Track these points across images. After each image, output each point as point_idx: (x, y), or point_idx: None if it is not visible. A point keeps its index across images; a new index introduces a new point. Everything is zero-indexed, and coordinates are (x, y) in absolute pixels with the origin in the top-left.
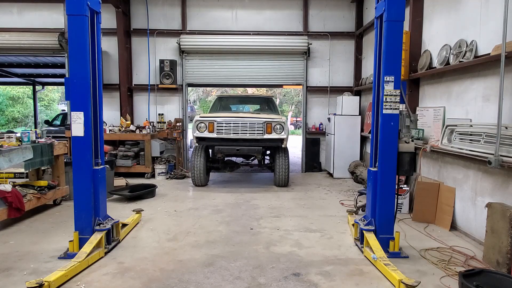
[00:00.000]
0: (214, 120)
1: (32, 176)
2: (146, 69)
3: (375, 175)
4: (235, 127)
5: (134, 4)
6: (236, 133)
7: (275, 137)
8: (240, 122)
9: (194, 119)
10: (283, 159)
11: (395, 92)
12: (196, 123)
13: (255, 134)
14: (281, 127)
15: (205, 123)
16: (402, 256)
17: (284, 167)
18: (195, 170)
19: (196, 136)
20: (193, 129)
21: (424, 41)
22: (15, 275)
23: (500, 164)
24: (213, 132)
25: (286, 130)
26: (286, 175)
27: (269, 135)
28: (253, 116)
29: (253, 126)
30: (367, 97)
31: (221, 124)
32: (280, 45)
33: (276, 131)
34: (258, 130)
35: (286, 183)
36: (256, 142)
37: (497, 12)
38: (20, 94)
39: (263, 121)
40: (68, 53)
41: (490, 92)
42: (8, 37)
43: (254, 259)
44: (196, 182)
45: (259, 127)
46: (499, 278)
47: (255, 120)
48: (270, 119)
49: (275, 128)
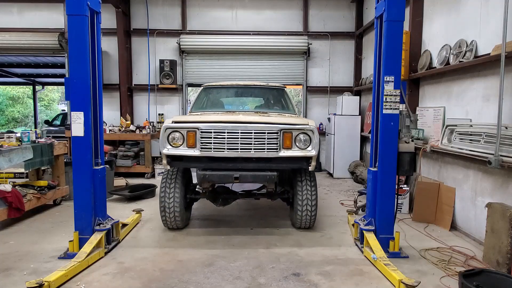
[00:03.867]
0: (196, 126)
1: (32, 176)
2: (146, 69)
3: (375, 175)
4: (232, 138)
5: (134, 4)
6: (233, 148)
7: (298, 154)
8: (240, 130)
9: (163, 125)
10: (309, 188)
11: (395, 92)
12: (167, 133)
13: (265, 150)
14: (306, 138)
15: (182, 132)
16: (402, 256)
17: (311, 202)
18: (166, 210)
19: (167, 154)
20: (162, 142)
21: (424, 41)
22: (15, 275)
23: (500, 164)
24: (194, 147)
25: (315, 143)
26: (313, 214)
27: (287, 151)
28: (262, 121)
29: (262, 137)
30: (367, 97)
31: (208, 134)
32: (280, 45)
33: (300, 144)
34: (271, 144)
35: (312, 224)
36: (266, 163)
37: (497, 12)
38: (20, 94)
39: (279, 127)
40: (68, 53)
41: (490, 92)
42: (8, 37)
43: (254, 259)
44: (169, 224)
45: (271, 139)
46: (499, 278)
47: (265, 127)
48: (289, 125)
49: (298, 139)
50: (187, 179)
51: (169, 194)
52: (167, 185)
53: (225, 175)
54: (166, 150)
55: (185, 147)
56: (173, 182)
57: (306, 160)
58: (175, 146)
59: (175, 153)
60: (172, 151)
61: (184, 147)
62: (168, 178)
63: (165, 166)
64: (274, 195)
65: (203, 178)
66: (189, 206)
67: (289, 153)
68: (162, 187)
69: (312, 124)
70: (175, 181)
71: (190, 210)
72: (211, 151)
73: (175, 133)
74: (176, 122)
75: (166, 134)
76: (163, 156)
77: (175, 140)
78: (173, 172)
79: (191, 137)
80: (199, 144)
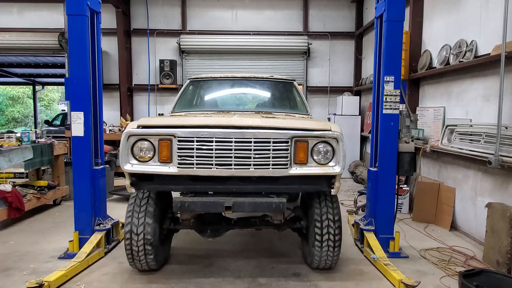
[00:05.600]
0: (172, 133)
1: (32, 176)
2: (146, 69)
3: (375, 175)
4: (223, 149)
5: (134, 4)
6: (224, 163)
7: (316, 171)
8: (235, 138)
9: (125, 131)
10: (330, 217)
11: (395, 92)
12: (131, 142)
13: (270, 166)
14: (328, 148)
15: (153, 140)
16: (402, 256)
17: (333, 237)
18: (134, 249)
19: (131, 172)
20: (123, 154)
21: (424, 41)
22: (15, 275)
23: (500, 164)
24: (169, 161)
25: (340, 156)
26: (336, 252)
27: (301, 167)
28: (265, 125)
29: (266, 147)
30: (367, 97)
31: (189, 143)
32: (280, 45)
33: (318, 157)
34: (278, 157)
35: (334, 264)
36: (271, 184)
37: (497, 12)
38: (20, 94)
39: (290, 134)
40: (68, 53)
41: (490, 92)
42: (8, 37)
43: (255, 260)
44: (138, 265)
45: (279, 150)
46: (499, 278)
47: (270, 133)
48: (304, 130)
49: (316, 151)
50: (164, 203)
51: (138, 228)
52: (134, 215)
53: (213, 202)
54: (129, 166)
55: (156, 162)
56: (143, 211)
57: (327, 180)
58: (143, 160)
59: (143, 170)
60: (138, 167)
61: (155, 162)
62: (135, 205)
63: (129, 189)
64: (282, 226)
65: (181, 206)
66: (168, 239)
67: (303, 171)
68: (128, 217)
69: (336, 130)
70: (145, 209)
71: (169, 243)
72: (193, 168)
73: (143, 142)
74: (143, 126)
75: (129, 144)
76: (125, 175)
77: (143, 152)
78: (143, 197)
79: (164, 148)
80: (177, 158)
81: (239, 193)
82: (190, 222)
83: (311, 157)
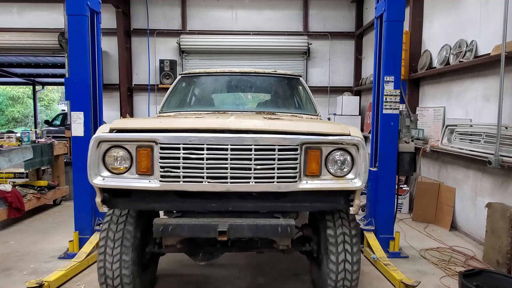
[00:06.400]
0: (152, 138)
1: (32, 176)
2: (146, 69)
3: (375, 175)
4: (217, 159)
5: (134, 4)
6: (218, 176)
7: (332, 186)
8: (231, 144)
9: (94, 136)
10: (348, 240)
11: (395, 92)
12: (102, 149)
13: (275, 179)
14: (346, 157)
15: (129, 147)
16: (402, 256)
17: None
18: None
19: (101, 186)
20: (92, 165)
21: (424, 41)
22: (15, 275)
23: (500, 164)
24: (150, 173)
25: (361, 166)
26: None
27: (314, 180)
28: (269, 128)
29: (269, 156)
30: (367, 97)
31: (175, 151)
32: (280, 45)
33: (334, 168)
34: (285, 169)
35: None
36: (276, 201)
37: (497, 12)
38: (20, 94)
39: (299, 140)
40: (68, 53)
41: (490, 92)
42: (8, 37)
43: (254, 257)
44: None
45: (286, 159)
46: (499, 278)
47: (274, 138)
48: (317, 135)
49: (332, 160)
50: (147, 221)
51: (112, 258)
52: (109, 238)
53: (203, 226)
54: (99, 179)
55: (133, 174)
56: (120, 232)
57: (344, 195)
58: (117, 172)
59: (117, 184)
60: (111, 181)
61: (132, 175)
62: (110, 231)
63: (100, 207)
64: (289, 250)
65: (164, 231)
66: (152, 264)
67: (316, 184)
68: (102, 239)
69: (357, 134)
70: (123, 231)
71: (154, 267)
72: (179, 182)
73: (117, 150)
74: (117, 130)
75: (100, 152)
76: (96, 190)
77: (117, 162)
78: (120, 215)
79: (144, 157)
80: (159, 169)
81: (236, 212)
82: (178, 247)
83: (325, 168)
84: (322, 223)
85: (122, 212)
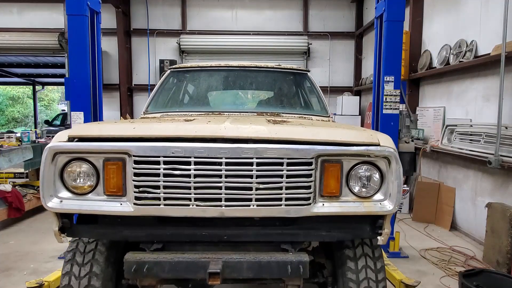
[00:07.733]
0: (123, 149)
1: (32, 176)
2: (146, 69)
3: None
4: (208, 175)
5: (134, 4)
6: (210, 198)
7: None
8: (225, 157)
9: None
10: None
11: (395, 92)
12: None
13: (283, 201)
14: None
15: (93, 160)
16: (402, 256)
17: None
18: None
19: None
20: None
21: (424, 41)
22: (15, 275)
23: (500, 164)
24: (121, 194)
25: (394, 183)
26: None
27: (332, 202)
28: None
29: (275, 172)
30: (367, 97)
31: (152, 164)
32: (280, 45)
33: (357, 186)
34: (295, 188)
35: None
36: (284, 229)
37: (497, 12)
38: (20, 94)
39: (314, 151)
40: (68, 53)
41: (490, 92)
42: (8, 37)
43: None
44: None
45: (297, 176)
46: (499, 278)
47: (282, 149)
48: (336, 145)
49: (355, 176)
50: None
51: None
52: (73, 274)
53: (189, 263)
54: (56, 202)
55: (101, 194)
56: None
57: (371, 221)
58: (79, 192)
59: (79, 208)
60: (70, 204)
61: (99, 195)
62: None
63: (58, 237)
64: None
65: (137, 271)
66: None
67: (335, 208)
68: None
69: (387, 144)
70: (91, 264)
71: None
72: (160, 206)
73: (78, 164)
74: (79, 138)
75: (57, 167)
76: (52, 216)
77: (79, 180)
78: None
79: (113, 173)
80: (132, 189)
81: (233, 243)
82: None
83: (346, 187)
84: (339, 252)
85: (88, 241)
